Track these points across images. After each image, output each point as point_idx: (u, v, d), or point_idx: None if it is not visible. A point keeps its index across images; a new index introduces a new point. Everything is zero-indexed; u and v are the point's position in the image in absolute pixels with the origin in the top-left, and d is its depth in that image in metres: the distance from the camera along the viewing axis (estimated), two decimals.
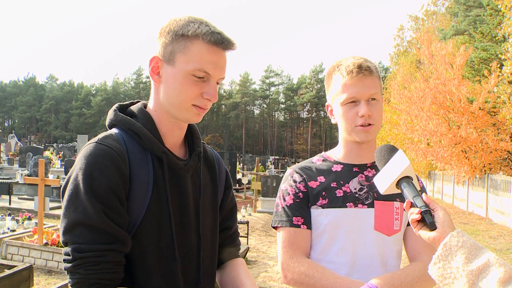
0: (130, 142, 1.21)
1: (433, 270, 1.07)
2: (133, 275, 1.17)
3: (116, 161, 1.13)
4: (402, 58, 33.12)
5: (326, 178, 1.60)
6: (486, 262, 0.98)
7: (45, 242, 6.51)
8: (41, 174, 6.36)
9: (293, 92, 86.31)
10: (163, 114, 1.25)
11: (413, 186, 1.19)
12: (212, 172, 1.42)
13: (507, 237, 10.89)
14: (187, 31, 1.17)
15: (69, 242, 1.09)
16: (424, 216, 1.11)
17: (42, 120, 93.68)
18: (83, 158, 1.13)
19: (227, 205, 1.48)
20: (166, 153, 1.23)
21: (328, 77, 1.65)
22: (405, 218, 1.59)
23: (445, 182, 20.76)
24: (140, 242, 1.17)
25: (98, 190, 1.09)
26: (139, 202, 1.17)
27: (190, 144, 1.37)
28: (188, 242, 1.26)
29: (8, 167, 21.61)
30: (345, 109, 1.56)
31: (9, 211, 10.22)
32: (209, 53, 1.17)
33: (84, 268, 1.07)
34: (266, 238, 9.71)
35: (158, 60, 1.21)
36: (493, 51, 16.44)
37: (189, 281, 1.27)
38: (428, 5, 37.64)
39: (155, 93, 1.25)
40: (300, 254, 1.53)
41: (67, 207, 1.10)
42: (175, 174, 1.25)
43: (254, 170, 18.80)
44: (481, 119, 14.98)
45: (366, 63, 1.55)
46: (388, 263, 1.55)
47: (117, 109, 1.30)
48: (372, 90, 1.54)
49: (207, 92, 1.19)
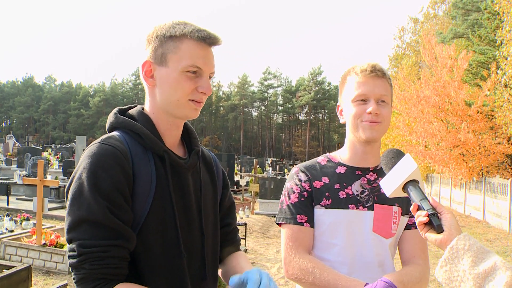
0: (132, 143, 1.25)
1: (440, 273, 1.07)
2: (140, 272, 1.19)
3: (119, 160, 1.16)
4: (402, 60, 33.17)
5: (330, 179, 1.66)
6: (493, 266, 0.99)
7: (44, 242, 6.49)
8: (40, 175, 6.35)
9: (292, 95, 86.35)
10: (160, 115, 1.29)
11: (419, 190, 1.20)
12: (211, 172, 1.47)
13: (504, 240, 10.92)
14: (174, 32, 1.23)
15: (74, 239, 1.11)
16: (431, 219, 1.12)
17: (40, 121, 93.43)
18: (87, 158, 1.16)
19: (226, 203, 1.53)
20: (168, 151, 1.27)
21: (343, 80, 1.71)
22: (401, 222, 1.65)
23: (442, 185, 20.79)
24: (145, 239, 1.19)
25: (102, 188, 1.12)
26: (143, 200, 1.20)
27: (188, 143, 1.41)
28: (192, 238, 1.29)
29: (6, 167, 21.54)
30: (355, 106, 1.61)
31: (7, 211, 10.21)
32: (198, 49, 1.24)
33: (89, 263, 1.09)
34: (264, 240, 9.70)
35: (150, 63, 1.26)
36: (490, 55, 16.51)
37: (195, 276, 1.29)
38: (427, 7, 37.81)
39: (151, 96, 1.30)
40: (302, 250, 1.58)
41: (72, 205, 1.13)
42: (176, 172, 1.29)
43: (252, 172, 18.79)
44: (479, 123, 15.03)
45: (380, 66, 1.63)
46: (384, 263, 1.61)
47: (117, 113, 1.34)
48: (383, 91, 1.59)
49: (202, 86, 1.24)
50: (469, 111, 14.82)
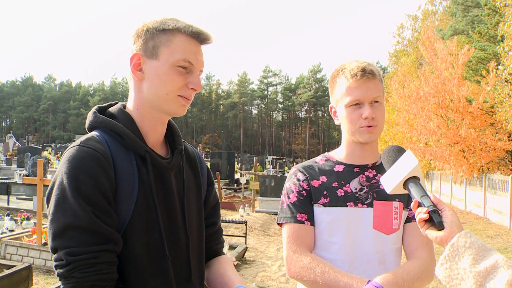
0: (113, 143, 1.21)
1: (440, 270, 1.06)
2: (125, 275, 1.17)
3: (101, 162, 1.13)
4: (402, 57, 33.15)
5: (328, 178, 1.66)
6: (494, 264, 0.97)
7: (44, 242, 6.49)
8: (39, 174, 6.35)
9: (291, 92, 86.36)
10: (145, 111, 1.26)
11: (420, 186, 1.19)
12: (195, 170, 1.44)
13: (505, 236, 10.92)
14: (167, 26, 1.21)
15: (60, 247, 1.07)
16: (432, 216, 1.11)
17: (40, 120, 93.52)
18: (67, 162, 1.12)
19: (211, 201, 1.50)
20: (149, 152, 1.24)
21: (332, 80, 1.70)
22: (404, 217, 1.64)
23: (443, 182, 20.79)
24: (129, 242, 1.17)
25: (85, 192, 1.08)
26: (126, 202, 1.17)
27: (171, 142, 1.38)
28: (177, 239, 1.27)
29: (6, 167, 21.57)
30: (349, 111, 1.61)
31: (8, 211, 10.20)
32: (191, 45, 1.23)
33: (79, 271, 1.06)
34: (265, 238, 9.70)
35: (140, 56, 1.23)
36: (490, 51, 16.47)
37: (181, 278, 1.27)
38: (425, 4, 37.76)
39: (137, 91, 1.26)
40: (303, 248, 1.58)
41: (55, 212, 1.08)
42: (159, 173, 1.26)
43: (252, 170, 18.79)
44: (480, 119, 15.01)
45: (369, 66, 1.60)
46: (386, 261, 1.59)
47: (96, 111, 1.29)
48: (375, 93, 1.59)
49: (192, 82, 1.23)
50: (469, 107, 14.80)
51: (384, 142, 21.93)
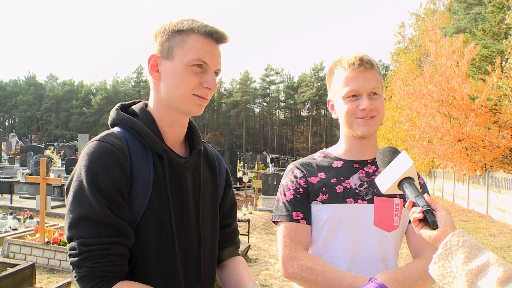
0: (132, 140, 1.24)
1: (433, 269, 1.08)
2: (134, 270, 1.19)
3: (118, 158, 1.17)
4: (403, 56, 33.03)
5: (326, 174, 1.62)
6: (486, 262, 0.99)
7: (47, 240, 6.53)
8: (42, 173, 6.38)
9: (294, 91, 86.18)
10: (164, 111, 1.28)
11: (415, 187, 1.20)
12: (213, 171, 1.45)
13: (508, 234, 10.89)
14: (182, 27, 1.23)
15: (75, 237, 1.11)
16: (426, 215, 1.12)
17: (42, 119, 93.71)
18: (86, 156, 1.16)
19: (227, 203, 1.50)
20: (167, 150, 1.26)
21: (330, 73, 1.66)
22: (404, 214, 1.60)
23: (445, 180, 20.74)
24: (141, 238, 1.19)
25: (101, 186, 1.12)
26: (140, 199, 1.20)
27: (191, 142, 1.40)
28: (189, 238, 1.29)
29: (9, 166, 21.64)
30: (347, 103, 1.57)
31: (11, 210, 10.27)
32: (205, 44, 1.24)
33: (91, 261, 1.09)
34: (267, 236, 9.72)
35: (156, 57, 1.26)
36: (494, 49, 16.41)
37: (190, 276, 1.29)
38: (427, 3, 37.62)
39: (155, 91, 1.29)
40: (301, 248, 1.54)
41: (72, 203, 1.13)
42: (175, 172, 1.28)
43: (254, 169, 18.79)
44: (483, 117, 14.94)
45: (367, 57, 1.57)
46: (387, 258, 1.56)
47: (119, 109, 1.33)
48: (374, 84, 1.55)
49: (207, 81, 1.24)
50: (472, 105, 14.74)
51: (387, 140, 21.82)
